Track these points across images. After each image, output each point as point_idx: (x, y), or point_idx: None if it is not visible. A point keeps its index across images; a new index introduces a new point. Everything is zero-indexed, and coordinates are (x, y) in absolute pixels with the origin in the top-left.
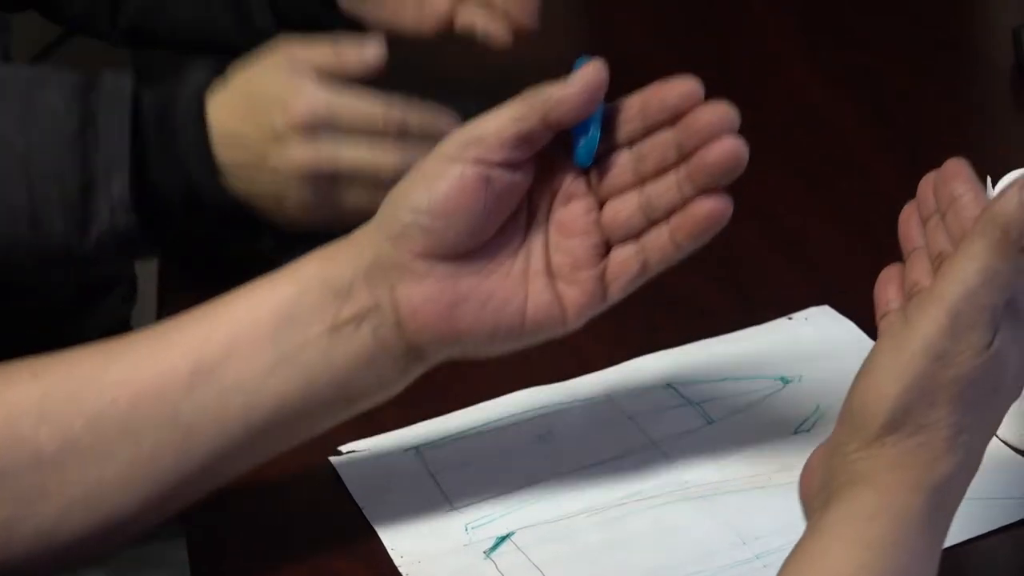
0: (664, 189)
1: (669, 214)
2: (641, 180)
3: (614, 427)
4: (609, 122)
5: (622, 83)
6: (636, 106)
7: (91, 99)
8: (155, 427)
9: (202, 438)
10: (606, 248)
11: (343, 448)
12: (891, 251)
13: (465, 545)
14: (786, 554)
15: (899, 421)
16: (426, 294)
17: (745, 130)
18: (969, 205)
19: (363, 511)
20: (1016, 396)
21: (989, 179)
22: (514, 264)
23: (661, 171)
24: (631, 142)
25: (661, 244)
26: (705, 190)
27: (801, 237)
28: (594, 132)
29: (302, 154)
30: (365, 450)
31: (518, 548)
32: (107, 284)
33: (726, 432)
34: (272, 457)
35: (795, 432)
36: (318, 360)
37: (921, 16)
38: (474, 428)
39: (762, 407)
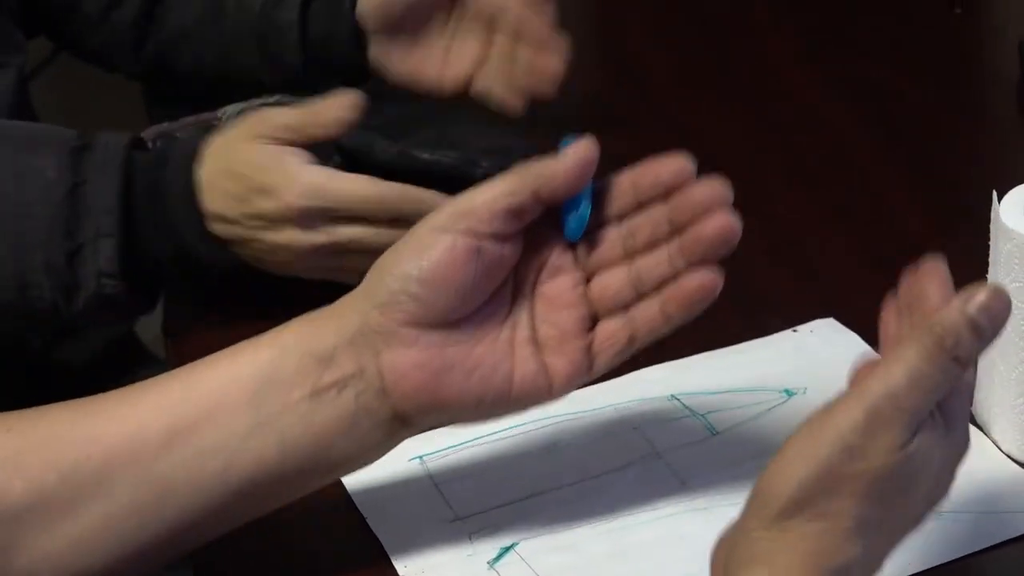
0: (655, 263)
1: (659, 287)
2: (630, 255)
3: (618, 438)
4: (600, 197)
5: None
6: (627, 182)
7: (82, 163)
8: (130, 484)
9: (178, 498)
10: (593, 320)
11: None
12: (896, 264)
13: (469, 555)
14: None
15: (801, 505)
16: (413, 361)
17: (750, 143)
18: (930, 307)
19: (367, 520)
20: (941, 498)
21: (995, 193)
22: (500, 334)
23: (652, 245)
24: (620, 217)
25: (650, 317)
26: (697, 264)
27: (806, 250)
28: (584, 208)
29: (300, 238)
30: None
31: (522, 558)
32: None
33: (730, 444)
34: (251, 519)
35: None
36: (297, 424)
37: (926, 28)
38: (479, 438)
39: (766, 419)
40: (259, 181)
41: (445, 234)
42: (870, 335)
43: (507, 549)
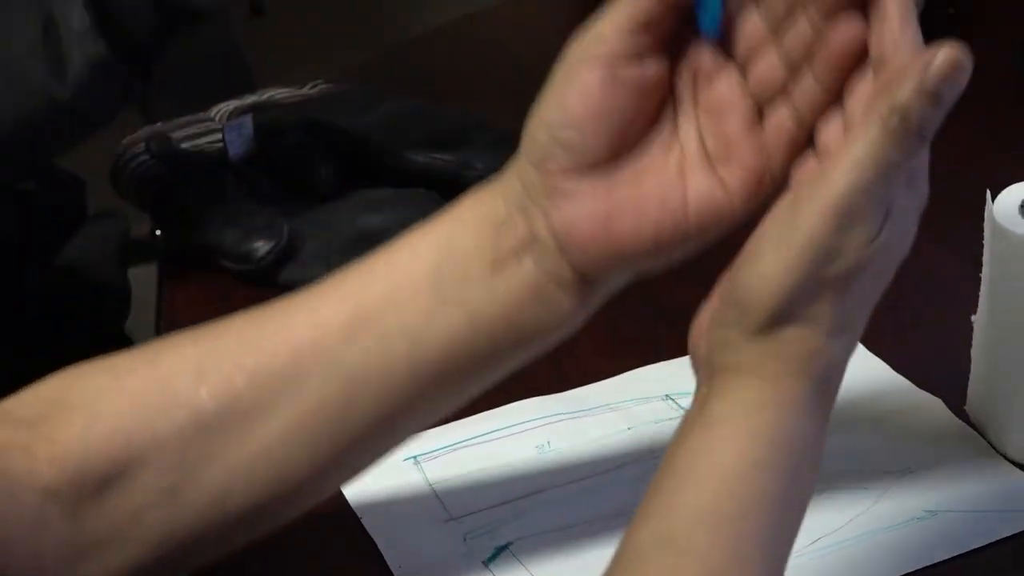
0: (801, 31)
1: (809, 55)
2: (776, 33)
3: (613, 438)
4: None
5: None
6: None
7: None
8: (318, 379)
9: (367, 389)
10: (759, 119)
11: None
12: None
13: (464, 555)
14: None
15: (785, 315)
16: (580, 211)
17: None
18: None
19: (361, 520)
20: (906, 251)
21: (988, 192)
22: (668, 160)
23: (792, 13)
24: None
25: (809, 90)
26: (837, 15)
27: None
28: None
29: None
30: None
31: (517, 558)
32: (97, 293)
33: None
34: (448, 412)
35: None
36: (484, 297)
37: (919, 27)
38: (473, 438)
39: None
40: None
41: (579, 69)
42: (866, 334)
43: (502, 549)
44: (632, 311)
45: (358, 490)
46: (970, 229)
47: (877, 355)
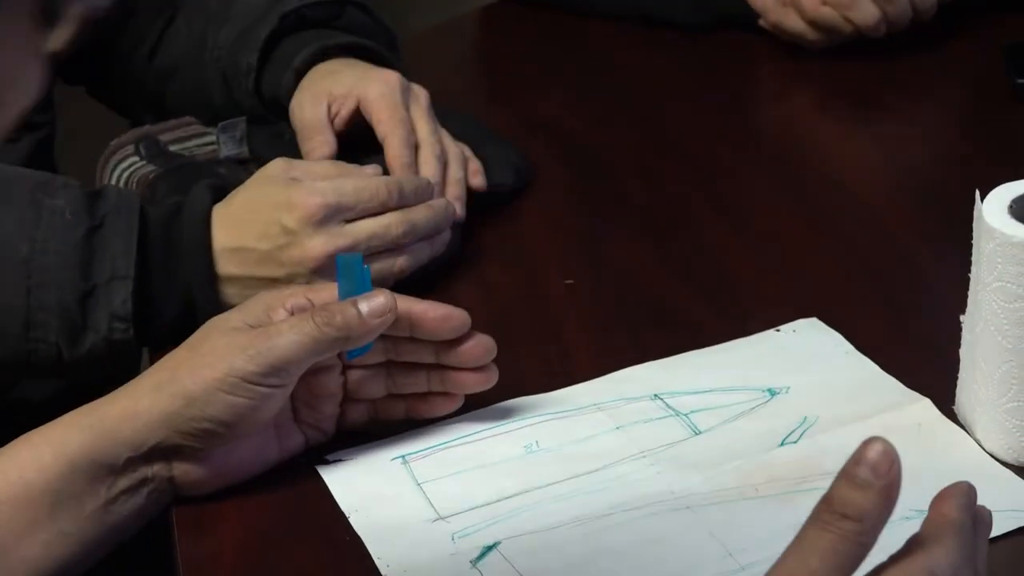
0: (413, 381)
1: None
2: (391, 365)
3: (601, 437)
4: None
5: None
6: (406, 321)
7: (98, 207)
8: None
9: None
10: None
11: (330, 457)
12: (877, 264)
13: (452, 555)
14: (769, 565)
15: None
16: (204, 468)
17: (733, 143)
18: None
19: (349, 519)
20: None
21: (977, 192)
22: (273, 421)
23: (413, 368)
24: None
25: (396, 411)
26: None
27: (788, 251)
28: (369, 344)
29: (321, 244)
30: (352, 459)
31: (504, 558)
32: None
33: (713, 443)
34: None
35: (782, 444)
36: (94, 528)
37: (911, 31)
38: (461, 437)
39: (749, 419)
40: (272, 201)
41: (256, 388)
42: (853, 334)
43: (490, 548)
44: (621, 312)
45: (346, 489)
46: (959, 230)
47: (865, 354)
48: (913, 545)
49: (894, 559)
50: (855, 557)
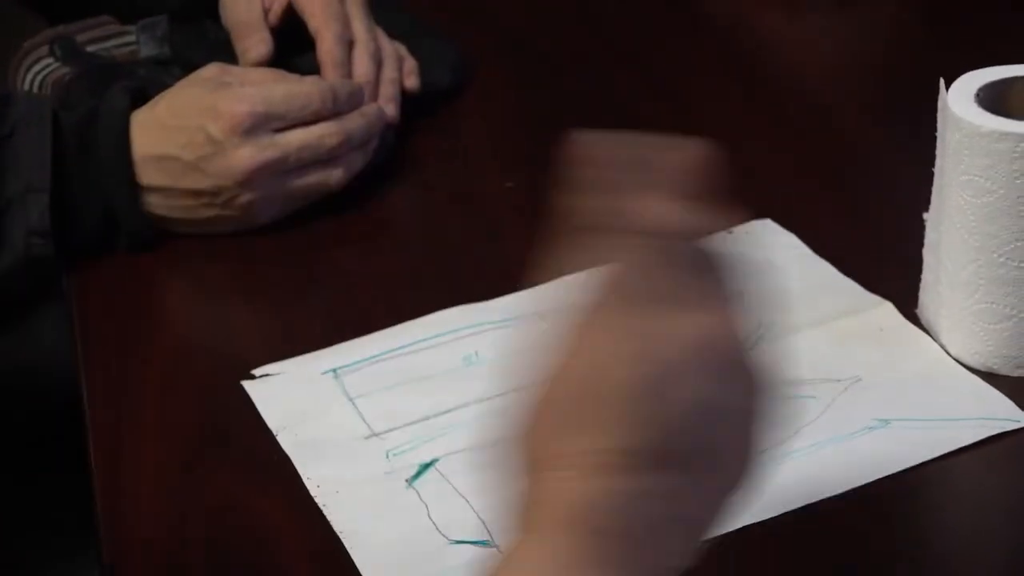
0: None
1: None
2: None
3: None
4: None
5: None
6: None
7: (7, 116)
8: None
9: None
10: None
11: (256, 371)
12: (834, 162)
13: (386, 473)
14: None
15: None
16: None
17: (681, 38)
18: None
19: (276, 436)
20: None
21: (942, 81)
22: None
23: None
24: None
25: None
26: None
27: (739, 149)
28: None
29: (249, 155)
30: (279, 373)
31: (442, 476)
32: None
33: None
34: None
35: None
36: None
37: None
38: (397, 349)
39: None
40: (197, 107)
41: None
42: (808, 235)
43: (426, 466)
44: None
45: (273, 406)
46: (922, 123)
47: (822, 256)
48: None
49: None
50: None
